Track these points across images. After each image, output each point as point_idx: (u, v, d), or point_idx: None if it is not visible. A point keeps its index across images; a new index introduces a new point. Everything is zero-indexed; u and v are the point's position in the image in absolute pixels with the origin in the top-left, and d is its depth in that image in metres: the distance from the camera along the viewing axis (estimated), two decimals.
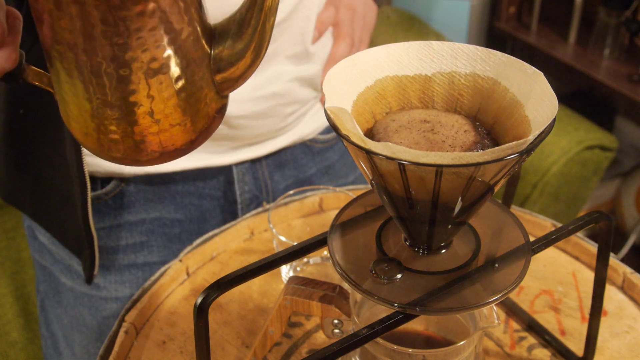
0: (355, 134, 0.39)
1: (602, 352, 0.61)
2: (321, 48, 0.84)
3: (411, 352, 0.50)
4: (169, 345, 0.63)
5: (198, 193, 0.82)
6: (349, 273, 0.47)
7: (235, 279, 0.47)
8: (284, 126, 0.83)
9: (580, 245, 0.71)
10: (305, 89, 0.83)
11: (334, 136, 0.91)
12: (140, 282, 0.81)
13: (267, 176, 0.86)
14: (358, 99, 0.45)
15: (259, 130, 0.80)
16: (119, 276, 0.80)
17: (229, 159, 0.81)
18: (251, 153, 0.82)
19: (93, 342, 0.80)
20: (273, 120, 0.80)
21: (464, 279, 0.46)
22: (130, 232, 0.80)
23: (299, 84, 0.81)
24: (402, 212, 0.44)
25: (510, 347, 0.62)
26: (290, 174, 0.87)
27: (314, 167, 0.90)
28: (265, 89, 0.78)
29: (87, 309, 0.80)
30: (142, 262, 0.81)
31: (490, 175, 0.40)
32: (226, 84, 0.42)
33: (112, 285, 0.80)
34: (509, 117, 0.44)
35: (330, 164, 0.91)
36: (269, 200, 0.87)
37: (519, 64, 0.44)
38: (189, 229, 0.83)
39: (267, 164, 0.85)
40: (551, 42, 1.52)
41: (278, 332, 0.57)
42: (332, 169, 0.91)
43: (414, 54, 0.47)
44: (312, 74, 0.82)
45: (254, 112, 0.77)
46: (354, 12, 0.87)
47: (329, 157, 0.91)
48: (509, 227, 0.51)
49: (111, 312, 0.80)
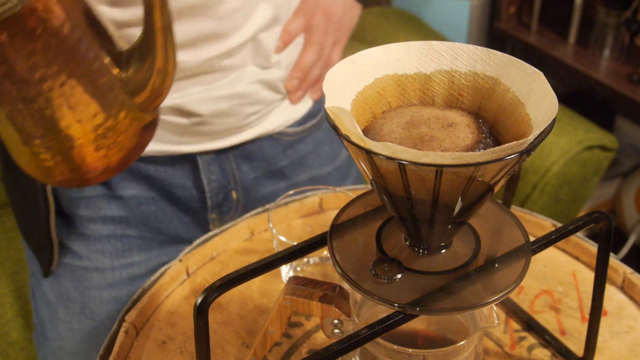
0: (355, 134, 0.39)
1: (602, 352, 0.61)
2: (288, 54, 0.84)
3: (411, 352, 0.50)
4: (169, 345, 0.63)
5: (169, 180, 0.84)
6: (349, 273, 0.47)
7: (235, 279, 0.47)
8: (247, 123, 0.83)
9: (580, 245, 0.71)
10: (268, 92, 0.83)
11: (305, 128, 0.90)
12: (120, 254, 0.83)
13: (234, 167, 0.86)
14: (357, 98, 0.45)
15: (221, 127, 0.81)
16: (99, 245, 0.82)
17: (192, 148, 0.82)
18: (214, 145, 0.83)
19: (76, 316, 0.82)
20: (235, 118, 0.81)
21: (464, 279, 0.46)
22: (108, 204, 0.82)
23: (262, 86, 0.81)
24: (402, 212, 0.44)
25: (510, 347, 0.62)
26: (260, 165, 0.88)
27: (286, 159, 0.90)
28: (226, 89, 0.78)
29: (70, 281, 0.82)
30: (121, 234, 0.83)
31: (490, 175, 0.40)
32: (145, 103, 0.43)
33: (93, 255, 0.82)
34: (509, 117, 0.44)
35: (303, 155, 0.91)
36: (238, 190, 0.88)
37: (519, 64, 0.44)
38: (163, 209, 0.85)
39: (233, 155, 0.86)
40: (551, 42, 1.52)
41: (278, 332, 0.57)
42: (305, 160, 0.91)
43: (414, 54, 0.47)
44: (275, 78, 0.82)
45: (214, 110, 0.78)
46: (329, 17, 0.87)
47: (301, 149, 0.91)
48: (509, 227, 0.51)
49: (92, 283, 0.82)
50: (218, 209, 0.88)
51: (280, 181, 0.90)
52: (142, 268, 0.85)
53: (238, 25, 0.75)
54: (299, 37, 0.85)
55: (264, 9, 0.77)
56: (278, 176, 0.90)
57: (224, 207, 0.88)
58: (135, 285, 0.83)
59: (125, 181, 0.82)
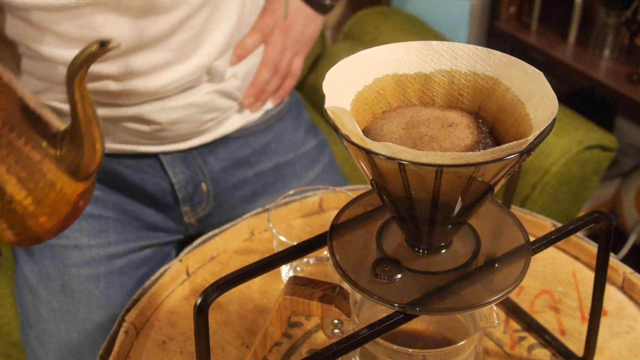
0: (355, 134, 0.39)
1: (602, 352, 0.61)
2: (243, 66, 0.87)
3: (411, 352, 0.50)
4: (169, 345, 0.63)
5: (138, 176, 0.88)
6: (349, 273, 0.47)
7: (235, 279, 0.47)
8: (206, 128, 0.87)
9: (580, 245, 0.71)
10: (225, 100, 0.86)
11: (264, 120, 0.94)
12: (97, 234, 0.86)
13: (200, 161, 0.89)
14: (357, 98, 0.45)
15: (178, 132, 0.85)
16: (77, 224, 0.83)
17: (154, 149, 0.86)
18: (175, 147, 0.87)
19: (56, 296, 0.83)
20: (193, 125, 0.85)
21: (464, 279, 0.46)
22: None
23: (218, 95, 0.85)
24: (402, 212, 0.44)
25: (510, 347, 0.62)
26: (225, 156, 0.91)
27: (249, 148, 0.93)
28: (182, 100, 0.82)
29: (50, 260, 0.84)
30: (98, 214, 0.87)
31: (490, 175, 0.40)
32: (79, 176, 0.51)
33: (72, 234, 0.85)
34: (509, 117, 0.44)
35: (265, 144, 0.94)
36: (207, 182, 0.91)
37: (519, 64, 0.44)
38: (138, 195, 0.89)
39: (197, 152, 0.89)
40: (551, 42, 1.52)
41: (278, 332, 0.57)
42: (268, 148, 0.94)
43: (414, 54, 0.47)
44: (231, 87, 0.86)
45: (171, 119, 0.82)
46: (288, 32, 0.91)
47: (262, 139, 0.94)
48: (509, 227, 0.51)
49: (71, 261, 0.84)
50: (189, 201, 0.91)
51: (247, 169, 0.92)
52: (119, 248, 0.88)
53: (190, 54, 0.79)
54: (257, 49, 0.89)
55: (216, 38, 0.81)
56: (244, 165, 0.92)
57: (194, 199, 0.91)
58: (112, 264, 0.86)
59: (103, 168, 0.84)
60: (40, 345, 0.85)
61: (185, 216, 0.92)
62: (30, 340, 0.86)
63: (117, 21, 0.72)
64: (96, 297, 0.85)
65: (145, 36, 0.74)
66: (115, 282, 0.87)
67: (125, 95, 0.79)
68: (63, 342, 0.83)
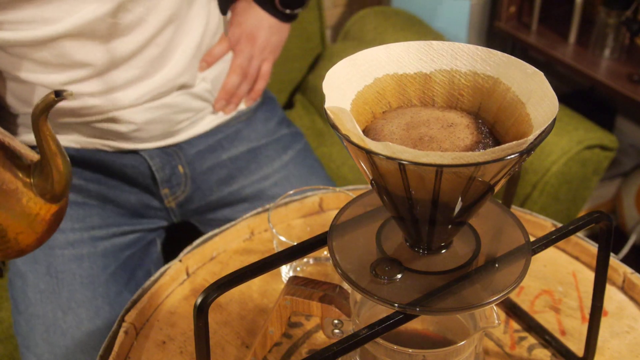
0: (355, 134, 0.39)
1: (602, 352, 0.61)
2: (213, 70, 0.94)
3: (411, 352, 0.50)
4: (169, 345, 0.63)
5: (118, 161, 0.94)
6: (349, 273, 0.47)
7: (235, 279, 0.47)
8: (180, 128, 0.94)
9: (580, 245, 0.71)
10: (197, 101, 0.93)
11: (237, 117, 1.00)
12: (81, 219, 0.92)
13: (177, 148, 0.96)
14: (357, 98, 0.45)
15: (155, 132, 0.91)
16: None
17: (130, 146, 0.93)
18: (150, 145, 0.94)
19: (43, 277, 0.88)
20: (167, 124, 0.92)
21: (464, 279, 0.46)
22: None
23: (190, 97, 0.92)
24: (402, 212, 0.44)
25: (510, 347, 0.62)
26: (199, 142, 0.97)
27: (221, 134, 0.99)
28: (155, 101, 0.88)
29: None
30: (82, 202, 0.92)
31: (491, 175, 0.40)
32: (52, 198, 0.58)
33: None
34: (509, 117, 0.44)
35: (237, 130, 1.00)
36: (184, 165, 0.96)
37: (519, 64, 0.44)
38: (121, 188, 0.95)
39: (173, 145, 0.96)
40: (551, 42, 1.52)
41: (278, 332, 0.56)
42: (240, 134, 1.00)
43: (414, 54, 0.47)
44: (202, 90, 0.93)
45: (145, 119, 0.89)
46: (254, 41, 1.00)
47: (234, 126, 1.00)
48: (509, 227, 0.51)
49: (56, 243, 0.89)
50: (168, 183, 0.96)
51: (220, 153, 0.98)
52: (102, 232, 0.93)
53: (159, 68, 0.87)
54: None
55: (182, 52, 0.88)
56: (218, 149, 0.98)
57: (173, 181, 0.96)
58: (95, 246, 0.91)
59: (84, 163, 0.92)
60: (29, 329, 0.88)
61: (166, 200, 0.97)
62: (21, 327, 0.89)
63: (88, 46, 0.80)
64: (79, 277, 0.89)
65: (116, 56, 0.82)
66: (99, 263, 0.91)
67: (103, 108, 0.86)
68: (49, 322, 0.87)
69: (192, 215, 1.01)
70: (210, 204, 0.99)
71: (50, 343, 0.86)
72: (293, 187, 0.98)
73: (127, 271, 0.94)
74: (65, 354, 0.86)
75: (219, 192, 0.98)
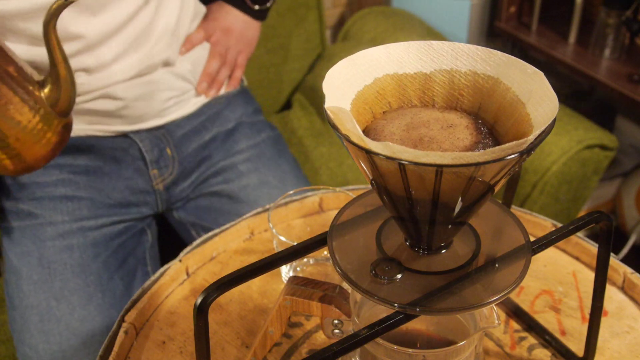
0: (355, 134, 0.39)
1: (602, 352, 0.61)
2: (191, 53, 1.03)
3: (411, 352, 0.50)
4: (169, 345, 0.63)
5: (109, 144, 0.99)
6: (349, 273, 0.47)
7: (235, 279, 0.47)
8: (165, 108, 1.00)
9: (580, 245, 0.71)
10: (179, 81, 1.01)
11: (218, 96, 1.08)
12: (70, 212, 0.95)
13: (164, 131, 1.01)
14: (357, 98, 0.45)
15: (142, 111, 0.98)
16: (52, 204, 0.94)
17: (120, 128, 0.98)
18: (138, 126, 0.99)
19: (35, 269, 0.91)
20: (153, 102, 0.98)
21: (464, 279, 0.46)
22: (59, 170, 0.96)
23: (173, 76, 1.00)
24: (402, 212, 0.44)
25: (510, 347, 0.62)
26: (186, 124, 1.03)
27: (204, 115, 1.05)
28: (142, 78, 0.96)
29: (30, 239, 0.93)
30: (72, 195, 0.95)
31: (490, 175, 0.40)
32: (61, 110, 0.67)
33: (47, 212, 0.94)
34: (509, 117, 0.44)
35: (218, 111, 1.07)
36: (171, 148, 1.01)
37: (519, 64, 0.44)
38: (110, 174, 0.99)
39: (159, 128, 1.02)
40: (551, 42, 1.52)
41: (278, 332, 0.56)
42: (220, 114, 1.07)
43: (414, 54, 0.47)
44: (183, 71, 1.01)
45: (133, 95, 0.95)
46: (229, 32, 1.08)
47: (215, 107, 1.07)
48: (509, 227, 0.51)
49: (47, 235, 0.93)
50: (157, 164, 1.01)
51: (204, 134, 1.04)
52: (92, 223, 0.96)
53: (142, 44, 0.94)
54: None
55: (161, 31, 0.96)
56: (201, 130, 1.04)
57: (161, 163, 1.01)
58: (85, 237, 0.94)
59: (75, 151, 0.97)
60: (23, 322, 0.90)
61: (154, 181, 1.01)
62: (16, 322, 0.91)
63: (80, 18, 0.86)
64: (71, 266, 0.92)
65: (104, 29, 0.89)
66: (89, 252, 0.93)
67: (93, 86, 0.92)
68: (44, 312, 0.89)
69: (175, 202, 1.05)
70: (193, 185, 1.04)
71: (45, 332, 0.89)
72: (264, 164, 1.05)
73: (118, 259, 0.96)
74: (59, 341, 0.88)
75: (198, 172, 1.04)
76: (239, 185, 1.03)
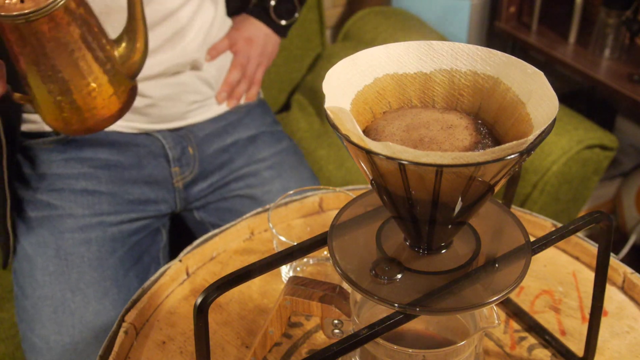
0: (355, 134, 0.39)
1: (603, 352, 0.61)
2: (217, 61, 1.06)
3: (411, 352, 0.50)
4: (169, 346, 0.63)
5: (133, 141, 1.01)
6: (349, 273, 0.47)
7: (235, 279, 0.47)
8: (189, 110, 1.04)
9: (580, 245, 0.71)
10: (204, 86, 1.05)
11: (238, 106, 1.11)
12: (90, 206, 0.96)
13: (187, 131, 1.04)
14: (357, 98, 0.45)
15: (166, 111, 1.01)
16: (72, 197, 0.95)
17: (145, 126, 1.01)
18: (162, 126, 1.02)
19: (52, 260, 0.91)
20: (179, 104, 1.01)
21: (464, 279, 0.46)
22: (81, 163, 0.97)
23: (198, 80, 1.03)
24: (402, 212, 0.44)
25: (510, 347, 0.62)
26: (208, 126, 1.07)
27: (226, 120, 1.09)
28: (169, 78, 0.99)
29: (46, 229, 0.93)
30: (93, 190, 0.96)
31: (491, 175, 0.40)
32: (131, 71, 0.68)
33: (67, 204, 0.95)
34: (509, 117, 0.44)
35: (239, 118, 1.11)
36: (193, 147, 1.04)
37: (519, 64, 0.44)
38: (130, 169, 1.00)
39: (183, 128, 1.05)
40: (551, 42, 1.52)
41: (278, 332, 0.57)
42: (240, 122, 1.11)
43: (414, 54, 0.47)
44: (208, 76, 1.05)
45: (160, 95, 0.98)
46: (251, 43, 1.13)
47: (236, 114, 1.11)
48: (509, 227, 0.51)
49: (65, 227, 0.93)
50: (178, 161, 1.03)
51: (225, 138, 1.07)
52: (111, 218, 0.96)
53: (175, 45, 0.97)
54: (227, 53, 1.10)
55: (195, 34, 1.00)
56: (223, 133, 1.07)
57: (183, 161, 1.03)
58: (104, 231, 0.95)
59: (97, 146, 0.98)
60: (35, 312, 0.89)
61: (175, 178, 1.03)
62: (26, 312, 0.90)
63: None
64: (88, 259, 0.92)
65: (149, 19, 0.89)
66: (107, 247, 0.94)
67: None
68: (58, 303, 0.89)
69: (193, 201, 1.06)
70: (212, 186, 1.05)
71: (58, 323, 0.88)
72: (286, 171, 1.08)
73: (134, 256, 0.97)
74: (72, 334, 0.88)
75: (219, 173, 1.06)
76: (262, 191, 1.05)
